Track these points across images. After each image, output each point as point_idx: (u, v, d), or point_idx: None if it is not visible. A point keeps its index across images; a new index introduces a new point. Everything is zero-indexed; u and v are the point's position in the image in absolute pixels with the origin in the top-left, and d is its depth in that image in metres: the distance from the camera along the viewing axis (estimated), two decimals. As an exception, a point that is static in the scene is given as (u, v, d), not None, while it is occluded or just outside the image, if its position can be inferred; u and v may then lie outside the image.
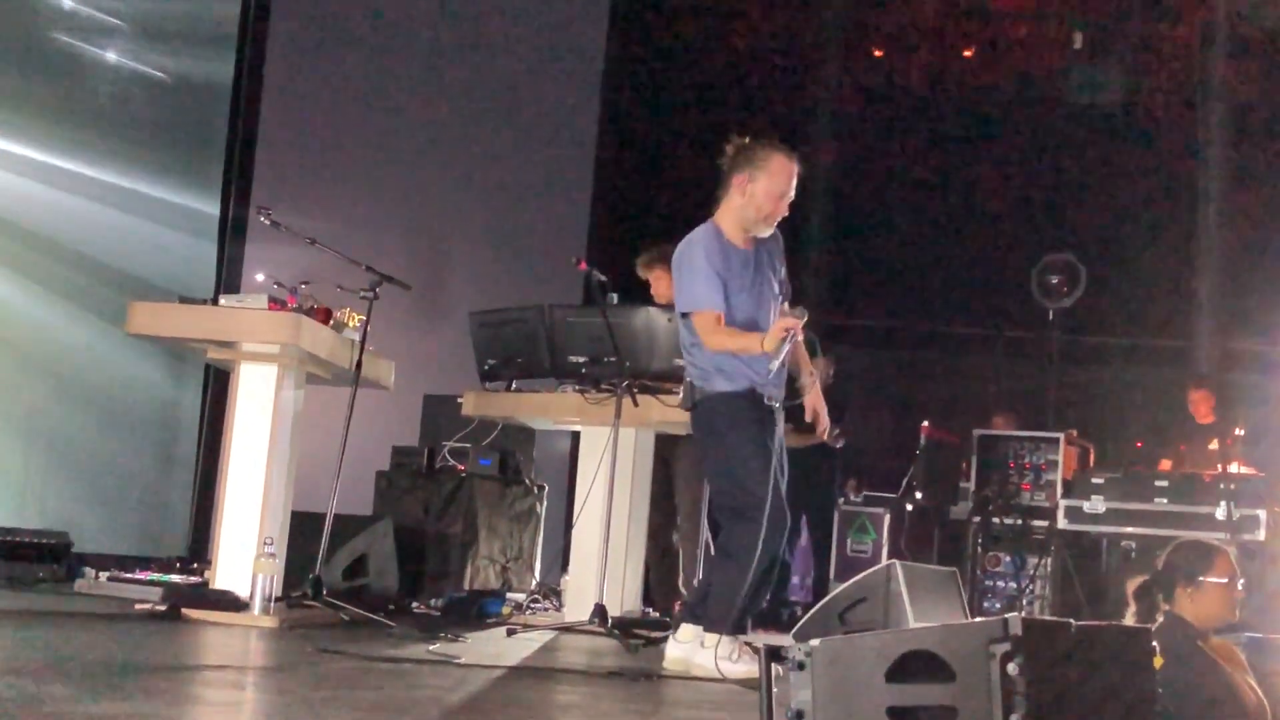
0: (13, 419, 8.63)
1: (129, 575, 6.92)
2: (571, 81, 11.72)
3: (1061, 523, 8.45)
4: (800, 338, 5.13)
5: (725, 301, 5.21)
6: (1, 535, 7.46)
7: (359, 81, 10.46)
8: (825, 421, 5.48)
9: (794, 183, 5.24)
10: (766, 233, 5.30)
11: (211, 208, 9.62)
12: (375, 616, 6.17)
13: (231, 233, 9.56)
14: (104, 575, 6.86)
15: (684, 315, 5.31)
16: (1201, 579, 4.19)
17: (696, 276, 5.24)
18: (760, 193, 5.20)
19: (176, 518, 9.44)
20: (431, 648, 5.31)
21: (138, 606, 5.92)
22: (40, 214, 8.62)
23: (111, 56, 9.15)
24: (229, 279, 9.32)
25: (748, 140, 5.28)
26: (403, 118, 10.63)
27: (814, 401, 5.44)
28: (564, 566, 7.16)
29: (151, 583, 6.59)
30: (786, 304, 5.41)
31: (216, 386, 8.97)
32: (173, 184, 9.36)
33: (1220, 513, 7.84)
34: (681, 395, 5.42)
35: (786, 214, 5.28)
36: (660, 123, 13.55)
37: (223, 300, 6.22)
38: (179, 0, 9.50)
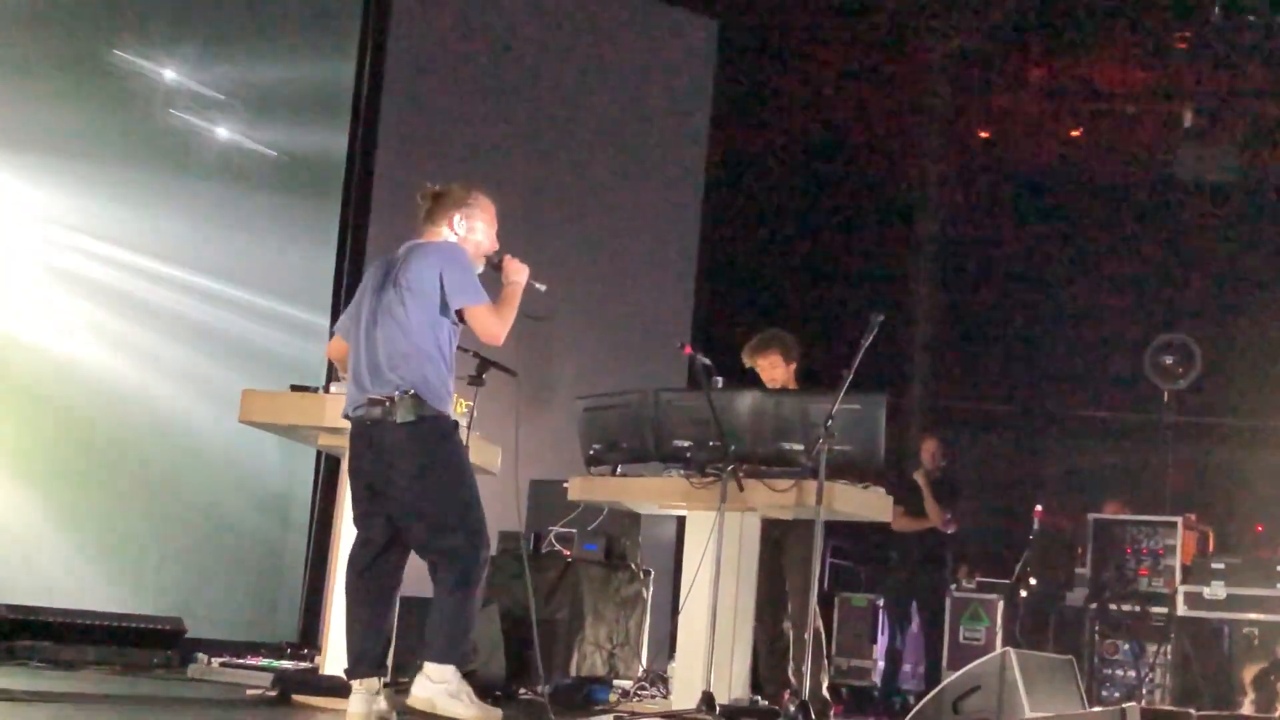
0: (132, 505, 8.75)
1: (241, 661, 7.01)
2: (676, 167, 11.81)
3: (1181, 609, 8.26)
4: None
5: None
6: (118, 621, 7.58)
7: (465, 165, 10.60)
8: None
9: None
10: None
11: (325, 289, 9.73)
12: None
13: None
14: (216, 661, 6.96)
15: (459, 311, 5.46)
16: (1325, 668, 4.08)
17: (472, 273, 5.50)
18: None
19: (288, 603, 9.50)
20: (539, 735, 5.28)
21: (249, 692, 5.97)
22: (151, 295, 8.76)
23: (222, 133, 9.28)
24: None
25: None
26: (508, 204, 10.72)
27: None
28: (671, 653, 7.10)
29: (263, 668, 6.66)
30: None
31: (327, 472, 9.06)
32: (285, 271, 9.48)
33: (1346, 598, 7.65)
34: (395, 407, 5.13)
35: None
36: (765, 207, 13.59)
37: (333, 388, 6.30)
38: (291, 76, 9.60)
